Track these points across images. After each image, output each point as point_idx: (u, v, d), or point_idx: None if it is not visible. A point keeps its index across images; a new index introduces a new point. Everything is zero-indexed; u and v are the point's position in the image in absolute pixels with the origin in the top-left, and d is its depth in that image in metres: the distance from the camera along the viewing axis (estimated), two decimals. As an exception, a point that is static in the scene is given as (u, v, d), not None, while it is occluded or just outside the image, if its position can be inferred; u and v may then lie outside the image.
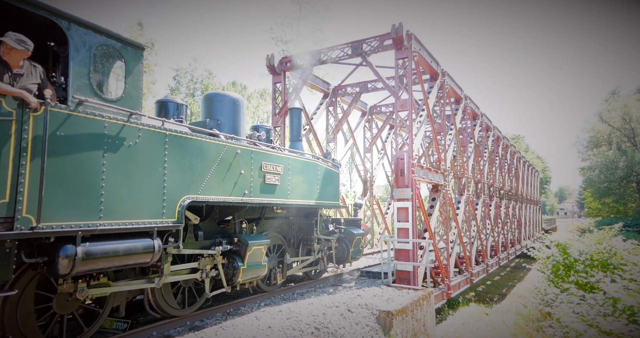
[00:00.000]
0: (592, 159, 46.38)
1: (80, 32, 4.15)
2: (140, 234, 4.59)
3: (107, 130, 4.24)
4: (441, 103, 12.08)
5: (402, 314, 6.85)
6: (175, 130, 5.08)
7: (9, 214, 3.47)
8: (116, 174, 4.30)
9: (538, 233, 29.65)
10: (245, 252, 6.20)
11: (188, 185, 5.19)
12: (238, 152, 6.07)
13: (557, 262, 11.98)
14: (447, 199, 11.22)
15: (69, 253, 3.86)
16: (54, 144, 3.77)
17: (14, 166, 3.51)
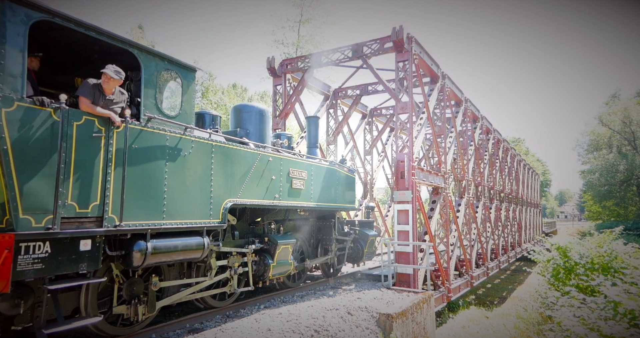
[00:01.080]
0: (593, 163, 46.36)
1: (150, 59, 4.91)
2: (192, 233, 5.29)
3: (168, 142, 4.97)
4: (441, 106, 12.09)
5: (402, 317, 6.83)
6: (220, 141, 5.82)
7: (99, 214, 4.19)
8: (175, 181, 5.01)
9: (538, 236, 29.62)
10: (275, 250, 6.85)
11: (229, 190, 5.90)
12: (270, 159, 6.79)
13: (558, 265, 11.96)
14: (447, 202, 11.20)
15: (141, 248, 4.57)
16: (130, 155, 4.49)
17: (102, 174, 4.23)
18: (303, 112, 12.84)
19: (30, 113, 3.75)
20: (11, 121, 3.61)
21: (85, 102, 4.18)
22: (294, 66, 11.59)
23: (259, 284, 6.97)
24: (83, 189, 4.09)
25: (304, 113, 12.86)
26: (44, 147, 3.81)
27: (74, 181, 4.02)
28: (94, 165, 4.16)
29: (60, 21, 4.06)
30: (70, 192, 4.00)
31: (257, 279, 6.83)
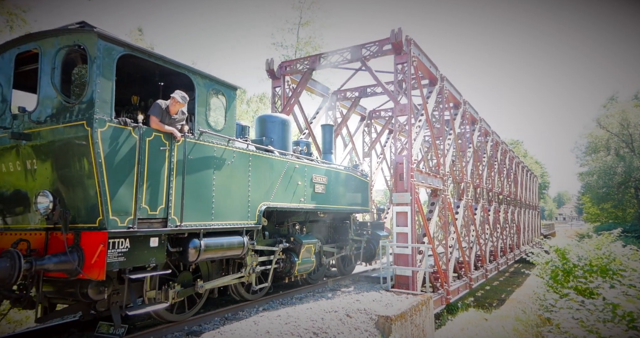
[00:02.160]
0: (591, 165, 46.43)
1: (202, 81, 5.63)
2: (233, 232, 6.00)
3: (215, 153, 5.68)
4: (440, 108, 12.11)
5: (401, 319, 6.82)
6: (255, 150, 6.56)
7: (164, 216, 4.88)
8: (221, 186, 5.72)
9: (537, 238, 29.64)
10: (300, 249, 7.53)
11: (263, 194, 6.62)
12: (296, 167, 7.54)
13: (556, 267, 11.95)
14: (446, 204, 11.21)
15: (196, 245, 5.27)
16: (187, 164, 5.20)
17: (167, 181, 4.93)
18: (302, 114, 12.84)
19: (116, 132, 4.45)
20: (104, 139, 4.31)
21: (155, 121, 4.91)
22: (293, 68, 11.60)
23: (285, 280, 7.64)
24: (153, 195, 4.80)
25: (303, 115, 12.87)
26: (126, 159, 4.53)
27: (146, 187, 4.72)
28: (160, 174, 4.89)
29: (138, 54, 4.81)
30: (144, 197, 4.71)
31: (283, 275, 7.56)
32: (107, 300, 4.75)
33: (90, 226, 4.36)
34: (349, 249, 9.81)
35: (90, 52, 4.39)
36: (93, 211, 4.34)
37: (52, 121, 4.50)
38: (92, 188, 4.31)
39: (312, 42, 24.98)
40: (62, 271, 4.31)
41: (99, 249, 4.25)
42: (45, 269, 4.21)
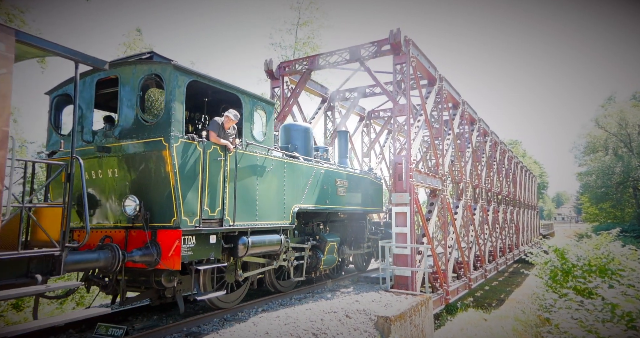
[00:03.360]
0: (589, 165, 46.52)
1: (248, 99, 6.46)
2: (272, 231, 6.79)
3: (258, 161, 6.49)
4: (439, 108, 12.12)
5: (401, 320, 6.81)
6: (289, 158, 7.40)
7: (220, 216, 5.69)
8: (262, 190, 6.53)
9: (536, 238, 29.66)
10: (325, 246, 8.37)
11: (296, 197, 7.43)
12: (322, 172, 8.39)
13: (555, 267, 11.95)
14: (445, 204, 11.21)
15: (245, 242, 6.09)
16: (237, 172, 6.00)
17: (222, 187, 5.71)
18: (301, 115, 12.84)
19: (186, 146, 5.28)
20: (177, 152, 5.12)
21: (214, 135, 5.73)
22: (292, 68, 11.60)
23: (312, 274, 8.46)
24: (212, 199, 5.58)
25: (302, 116, 12.87)
26: (192, 169, 5.35)
27: (207, 193, 5.51)
28: (217, 181, 5.67)
29: (202, 80, 5.73)
30: (205, 201, 5.47)
31: (310, 270, 8.32)
32: (173, 288, 5.55)
33: (165, 225, 5.17)
34: (366, 247, 10.53)
35: (166, 80, 5.27)
36: (168, 212, 5.16)
37: (131, 136, 5.35)
38: (168, 193, 5.14)
39: (310, 43, 24.94)
40: (143, 262, 5.11)
41: (175, 244, 5.07)
42: (132, 260, 5.01)
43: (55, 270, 3.93)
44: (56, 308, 10.01)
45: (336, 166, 9.31)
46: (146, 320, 6.26)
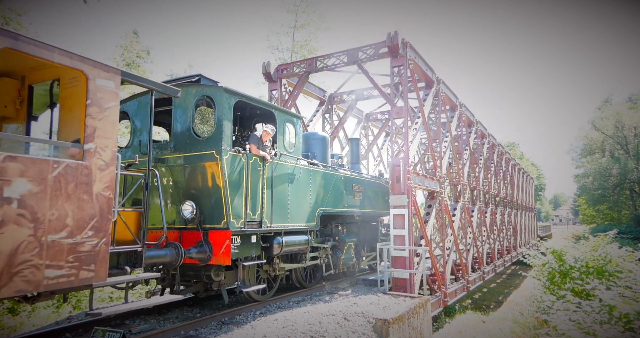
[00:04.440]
0: (586, 167, 46.66)
1: (281, 115, 7.33)
2: (300, 232, 7.59)
3: (289, 170, 7.34)
4: (436, 110, 12.14)
5: (399, 322, 6.79)
6: (313, 166, 8.30)
7: (259, 219, 6.52)
8: (293, 196, 7.39)
9: (533, 240, 29.69)
10: (344, 246, 9.24)
11: (320, 201, 8.29)
12: (342, 178, 9.30)
13: (553, 269, 11.97)
14: (443, 206, 11.21)
15: (279, 242, 6.93)
16: (273, 180, 6.83)
17: (261, 193, 6.55)
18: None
19: (233, 158, 6.08)
20: (227, 163, 5.91)
21: (254, 148, 6.53)
22: (290, 71, 11.61)
23: (333, 271, 9.18)
24: (253, 203, 6.37)
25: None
26: (238, 177, 6.14)
27: (250, 198, 6.30)
28: (257, 187, 6.48)
29: (246, 100, 6.55)
30: (248, 205, 6.26)
31: (330, 268, 9.04)
32: (218, 282, 6.32)
33: (216, 226, 5.97)
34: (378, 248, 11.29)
35: (217, 101, 6.09)
36: (218, 215, 5.95)
37: (185, 149, 6.20)
38: (218, 198, 5.92)
39: (307, 46, 24.96)
40: (198, 259, 5.87)
41: (225, 243, 5.86)
42: (190, 256, 5.74)
43: (137, 263, 4.63)
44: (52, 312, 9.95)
45: (352, 172, 10.22)
46: (143, 324, 6.22)
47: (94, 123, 3.89)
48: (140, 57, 24.28)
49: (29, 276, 3.32)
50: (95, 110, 3.91)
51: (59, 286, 3.57)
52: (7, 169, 3.19)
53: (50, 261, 3.49)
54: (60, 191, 3.57)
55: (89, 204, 3.80)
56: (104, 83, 4.01)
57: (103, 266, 3.90)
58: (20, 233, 3.28)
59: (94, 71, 3.94)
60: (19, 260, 3.27)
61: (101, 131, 3.95)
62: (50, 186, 3.49)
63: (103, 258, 3.91)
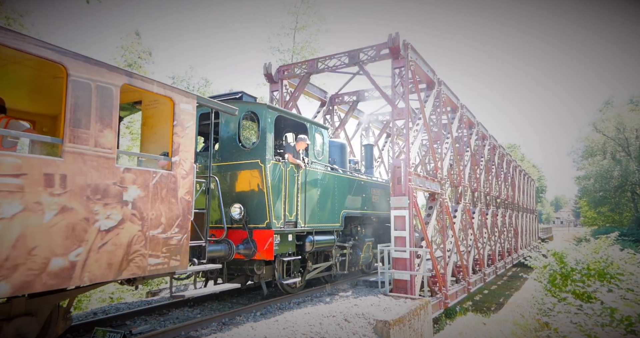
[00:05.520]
0: (587, 169, 46.55)
1: (312, 126, 8.17)
2: (327, 232, 8.39)
3: (318, 176, 8.14)
4: (437, 112, 12.14)
5: (400, 324, 6.78)
6: (337, 172, 9.08)
7: (295, 220, 7.32)
8: (321, 199, 8.18)
9: (534, 242, 29.64)
10: (363, 245, 9.90)
11: (343, 204, 9.04)
12: (362, 183, 10.08)
13: (554, 271, 11.94)
14: (444, 208, 11.20)
15: (311, 240, 7.78)
16: (306, 185, 7.66)
17: (296, 196, 7.35)
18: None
19: (274, 166, 6.89)
20: (269, 171, 6.73)
21: (290, 157, 7.30)
22: (291, 72, 11.62)
23: (352, 269, 9.92)
24: (290, 206, 7.16)
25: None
26: (278, 183, 6.92)
27: (287, 201, 7.09)
28: (293, 192, 7.28)
29: (284, 114, 7.48)
30: (286, 207, 7.05)
31: (350, 265, 9.75)
32: (259, 275, 7.05)
33: (259, 226, 6.77)
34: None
35: (261, 117, 6.97)
36: (262, 216, 6.74)
37: (232, 158, 7.07)
38: (262, 201, 6.74)
39: (308, 47, 24.99)
40: (244, 254, 6.68)
41: (268, 241, 6.64)
42: (239, 252, 6.56)
43: (202, 256, 5.32)
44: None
45: (369, 176, 10.99)
46: (144, 324, 6.22)
47: (179, 140, 4.79)
48: (142, 58, 24.36)
49: (139, 263, 4.22)
50: (180, 129, 4.82)
51: (157, 272, 4.44)
52: (125, 179, 4.10)
53: (152, 251, 4.37)
54: (157, 196, 4.45)
55: (176, 206, 4.68)
56: (185, 107, 4.91)
57: (185, 257, 4.76)
58: (133, 229, 4.16)
59: (178, 97, 4.81)
60: (133, 249, 4.15)
61: (183, 146, 4.84)
62: (151, 191, 4.38)
63: (185, 250, 4.76)
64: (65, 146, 3.62)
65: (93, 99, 3.87)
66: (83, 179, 3.71)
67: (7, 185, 3.18)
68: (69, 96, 3.69)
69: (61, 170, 3.54)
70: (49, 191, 3.44)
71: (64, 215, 3.53)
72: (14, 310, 3.81)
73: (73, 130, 3.68)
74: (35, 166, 3.38)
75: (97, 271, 3.81)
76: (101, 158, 3.90)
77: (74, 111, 3.70)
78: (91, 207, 3.76)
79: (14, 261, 3.19)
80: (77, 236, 3.64)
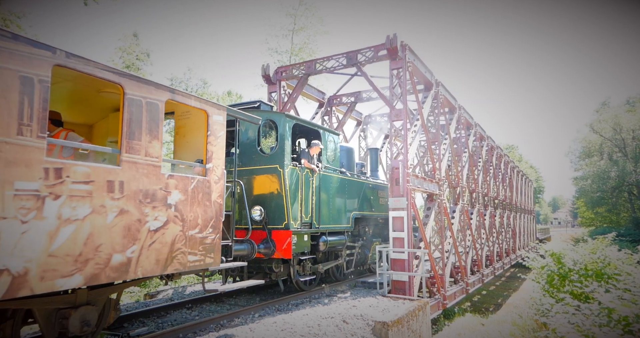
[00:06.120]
0: (585, 169, 46.71)
1: (325, 133, 8.79)
2: (338, 233, 8.93)
3: (331, 179, 8.66)
4: (435, 113, 12.16)
5: (398, 325, 6.78)
6: (348, 176, 9.61)
7: (310, 221, 7.86)
8: (333, 201, 8.72)
9: (532, 243, 29.70)
10: (371, 246, 10.53)
11: (353, 206, 9.56)
12: (370, 186, 10.60)
13: (552, 272, 11.96)
14: (442, 209, 11.21)
15: (325, 240, 8.33)
16: (320, 188, 8.19)
17: (311, 199, 7.89)
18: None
19: (292, 171, 7.43)
20: (287, 175, 7.26)
21: (306, 162, 7.80)
22: (289, 73, 11.62)
23: (360, 267, 10.48)
24: (305, 208, 7.71)
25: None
26: (294, 186, 7.44)
27: (303, 203, 7.62)
28: (308, 195, 7.81)
29: (300, 122, 8.03)
30: (302, 209, 7.59)
31: (359, 264, 10.26)
32: (276, 273, 7.57)
33: (278, 227, 7.27)
34: None
35: (280, 125, 7.48)
36: (280, 217, 7.24)
37: (252, 163, 7.59)
38: (280, 204, 7.23)
39: (306, 48, 25.01)
40: (263, 253, 7.18)
41: (287, 240, 7.16)
42: (259, 251, 7.07)
43: (229, 254, 5.85)
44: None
45: (375, 179, 11.52)
46: (141, 327, 6.20)
47: (212, 148, 5.26)
48: (140, 59, 24.34)
49: (180, 259, 4.70)
50: (212, 138, 5.29)
51: (194, 268, 4.91)
52: (169, 184, 4.59)
53: (190, 249, 4.84)
54: (195, 199, 4.92)
55: (210, 208, 5.13)
56: (217, 118, 5.39)
57: (218, 255, 5.23)
58: (176, 229, 4.63)
59: (211, 110, 5.31)
60: (175, 247, 4.63)
61: (215, 154, 5.30)
62: (189, 195, 4.85)
63: (217, 248, 5.24)
64: (123, 155, 4.11)
65: (144, 114, 4.37)
66: (136, 185, 4.21)
67: (80, 191, 3.69)
68: (125, 112, 4.17)
69: (120, 177, 4.06)
70: (110, 195, 3.96)
71: (122, 216, 4.04)
72: (79, 300, 4.32)
73: (128, 142, 4.18)
74: (101, 173, 3.89)
75: (148, 266, 4.29)
76: (150, 166, 4.39)
77: (129, 124, 4.19)
78: (143, 210, 4.27)
79: (85, 257, 3.69)
80: (132, 235, 4.14)
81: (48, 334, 4.10)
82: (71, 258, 3.57)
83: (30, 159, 3.33)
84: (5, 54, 3.21)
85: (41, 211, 3.37)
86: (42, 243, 3.37)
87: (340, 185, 9.04)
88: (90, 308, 4.41)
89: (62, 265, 3.50)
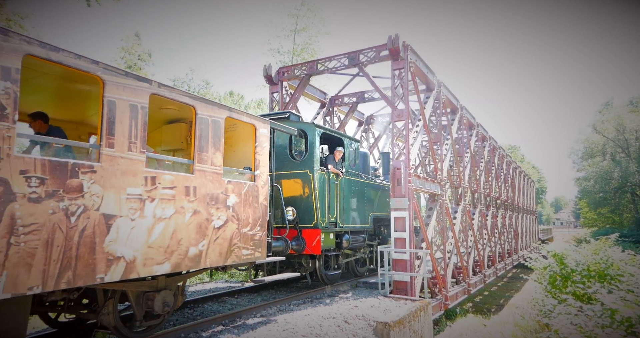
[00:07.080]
0: (587, 170, 46.52)
1: (347, 140, 9.46)
2: (358, 232, 9.74)
3: (352, 183, 9.44)
4: (437, 113, 12.15)
5: (400, 325, 6.77)
6: (366, 179, 10.34)
7: (335, 221, 8.59)
8: (355, 202, 9.51)
9: (535, 243, 29.62)
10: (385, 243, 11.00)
11: (371, 207, 10.31)
12: (386, 188, 11.10)
13: (554, 273, 11.92)
14: (444, 209, 11.20)
15: (348, 239, 9.04)
16: (343, 190, 8.98)
17: (336, 200, 8.66)
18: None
19: (320, 175, 8.21)
20: (316, 179, 8.06)
21: (332, 167, 8.63)
22: (291, 73, 11.63)
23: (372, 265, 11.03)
24: (331, 208, 8.46)
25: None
26: (323, 189, 8.23)
27: (329, 204, 8.38)
28: (333, 197, 8.59)
29: (328, 131, 8.84)
30: (328, 210, 8.32)
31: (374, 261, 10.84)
32: (305, 268, 8.45)
33: (307, 226, 8.04)
34: None
35: (310, 134, 8.29)
36: (309, 217, 8.04)
37: (283, 168, 8.30)
38: (310, 205, 8.05)
39: (308, 49, 25.02)
40: (295, 250, 7.87)
41: (317, 238, 7.92)
42: (292, 248, 7.70)
43: (268, 250, 6.35)
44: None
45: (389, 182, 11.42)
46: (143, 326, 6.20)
47: (259, 157, 6.00)
48: (142, 59, 24.42)
49: (237, 253, 5.48)
50: (259, 148, 6.04)
51: (247, 261, 5.66)
52: (228, 189, 5.35)
53: (244, 244, 5.61)
54: (247, 201, 5.70)
55: (258, 209, 5.91)
56: (262, 131, 6.15)
57: (264, 250, 6.01)
58: (233, 227, 5.41)
59: (259, 124, 6.07)
60: (233, 243, 5.41)
61: (261, 162, 6.04)
62: (242, 198, 5.61)
63: (264, 244, 6.02)
64: (195, 165, 4.87)
65: (210, 130, 5.12)
66: (205, 190, 4.97)
67: (167, 195, 4.49)
68: (197, 129, 4.91)
69: (193, 183, 4.83)
70: (187, 198, 4.73)
71: (195, 216, 4.82)
72: (159, 285, 5.10)
73: (199, 154, 4.93)
74: (181, 180, 4.67)
75: (214, 258, 5.07)
76: (214, 174, 5.15)
77: (199, 139, 4.95)
78: (209, 210, 5.02)
79: (171, 248, 4.50)
80: (202, 232, 4.92)
81: (138, 312, 4.94)
82: (162, 249, 4.38)
83: (136, 169, 4.14)
84: (120, 88, 4.01)
85: (143, 211, 4.19)
86: (144, 236, 4.19)
87: (360, 188, 9.76)
88: (169, 293, 5.20)
89: (157, 255, 4.32)
